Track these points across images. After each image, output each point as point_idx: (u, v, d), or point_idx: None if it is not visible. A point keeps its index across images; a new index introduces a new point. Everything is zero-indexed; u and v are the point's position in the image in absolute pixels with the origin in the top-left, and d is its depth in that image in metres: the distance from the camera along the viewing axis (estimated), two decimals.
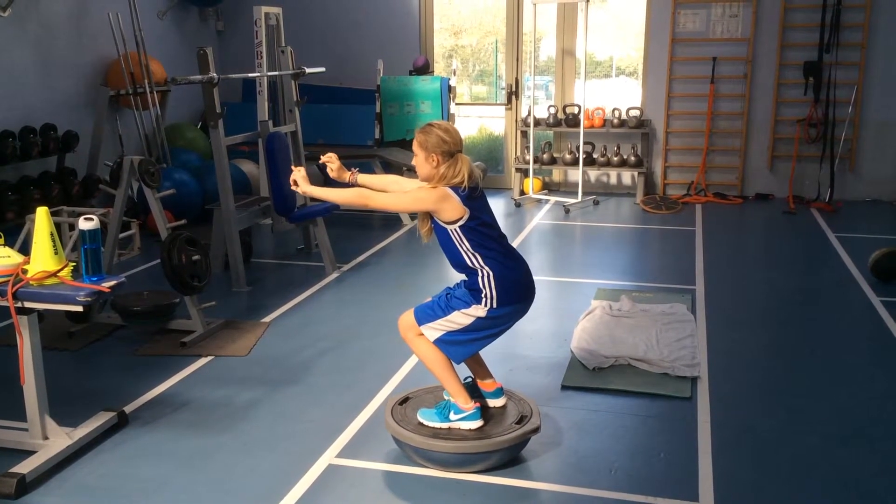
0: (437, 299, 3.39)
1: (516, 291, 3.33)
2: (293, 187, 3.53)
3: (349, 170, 3.62)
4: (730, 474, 3.30)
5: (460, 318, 3.30)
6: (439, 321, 3.32)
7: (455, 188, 3.23)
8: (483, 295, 3.27)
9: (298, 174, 3.52)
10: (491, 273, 3.26)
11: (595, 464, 3.40)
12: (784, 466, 3.38)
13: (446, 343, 3.33)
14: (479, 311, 3.28)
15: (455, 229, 3.25)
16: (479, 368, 3.57)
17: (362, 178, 3.61)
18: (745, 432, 3.67)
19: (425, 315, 3.36)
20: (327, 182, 3.59)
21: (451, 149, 3.25)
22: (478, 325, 3.31)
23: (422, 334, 3.37)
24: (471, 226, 3.24)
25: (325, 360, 4.52)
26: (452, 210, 3.22)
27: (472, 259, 3.27)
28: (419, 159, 3.30)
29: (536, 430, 3.38)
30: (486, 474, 3.29)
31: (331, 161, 3.61)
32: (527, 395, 3.67)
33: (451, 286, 3.43)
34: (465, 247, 3.27)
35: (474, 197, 3.27)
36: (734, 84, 8.80)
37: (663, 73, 8.92)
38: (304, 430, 3.68)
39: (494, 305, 3.28)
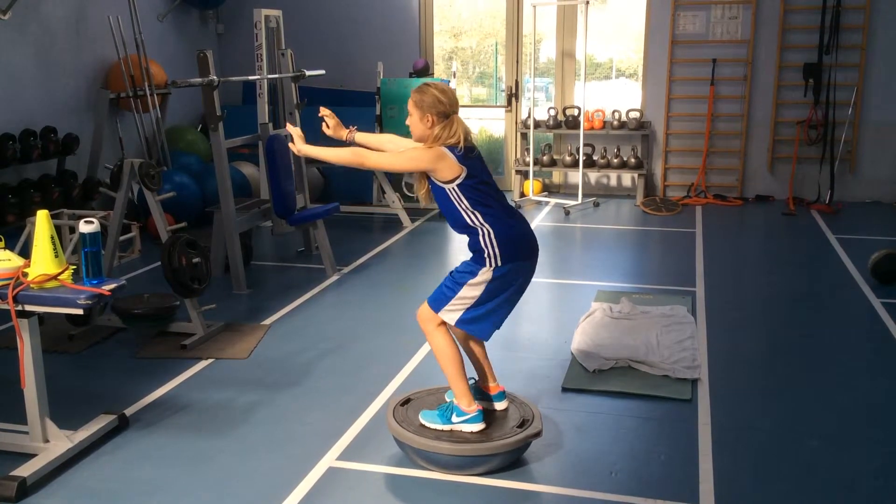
0: (444, 282, 3.37)
1: (518, 247, 3.30)
2: (289, 144, 3.51)
3: (347, 127, 3.61)
4: (730, 476, 3.30)
5: (471, 292, 3.27)
6: (452, 301, 3.29)
7: (451, 148, 3.21)
8: (486, 255, 3.24)
9: (294, 132, 3.50)
10: (491, 231, 3.23)
11: (596, 466, 3.40)
12: (784, 469, 3.38)
13: (468, 322, 3.31)
14: (486, 273, 3.25)
15: (453, 188, 3.22)
16: (485, 370, 3.57)
17: (360, 136, 3.59)
18: (746, 434, 3.67)
19: (438, 301, 3.34)
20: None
21: (447, 109, 3.24)
22: (489, 291, 3.27)
23: (441, 324, 3.34)
24: (469, 184, 3.21)
25: (325, 363, 4.52)
26: (449, 169, 3.19)
27: (472, 217, 3.25)
28: (414, 119, 3.28)
29: (538, 433, 3.38)
30: (486, 476, 3.29)
31: (329, 117, 3.60)
32: (528, 398, 3.67)
33: (453, 269, 3.42)
34: (464, 205, 3.24)
35: (470, 157, 3.25)
36: (734, 86, 8.81)
37: (663, 75, 8.93)
38: (304, 433, 3.68)
39: (499, 263, 3.24)
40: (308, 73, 6.66)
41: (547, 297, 5.72)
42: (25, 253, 4.38)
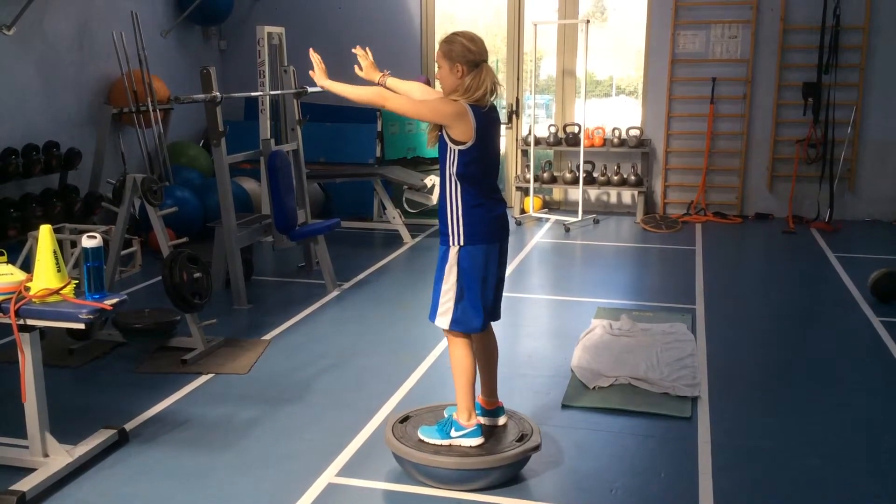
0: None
1: (485, 230, 3.30)
2: (311, 75, 3.53)
3: (381, 71, 3.61)
4: (730, 495, 3.30)
5: (448, 288, 3.31)
6: (439, 304, 3.34)
7: (476, 107, 3.22)
8: (449, 232, 3.28)
9: (316, 60, 3.52)
10: (460, 207, 3.26)
11: (595, 483, 3.39)
12: (784, 487, 3.37)
13: (458, 322, 3.33)
14: (452, 254, 3.28)
15: (454, 150, 3.24)
16: (485, 386, 3.57)
17: (392, 81, 3.58)
18: (746, 452, 3.66)
19: (431, 311, 3.40)
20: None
21: (477, 58, 3.23)
22: (463, 277, 3.29)
23: (457, 337, 3.37)
24: (469, 152, 3.22)
25: (325, 379, 4.52)
26: (463, 131, 3.20)
27: (451, 185, 3.27)
28: (443, 71, 3.26)
29: (537, 447, 3.39)
30: (486, 493, 3.28)
31: (363, 58, 3.60)
32: (527, 414, 3.67)
33: None
34: (452, 169, 3.26)
35: (490, 119, 3.27)
36: (734, 104, 8.85)
37: (663, 93, 8.97)
38: (304, 449, 3.68)
39: (462, 243, 3.27)
40: (310, 89, 6.69)
41: (547, 314, 5.72)
42: (27, 267, 4.39)
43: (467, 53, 3.21)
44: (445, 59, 3.24)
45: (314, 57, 3.61)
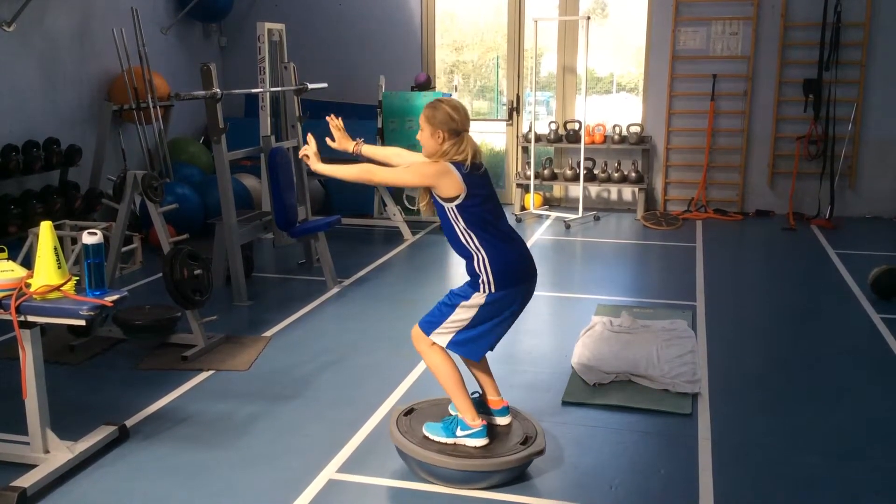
0: (439, 303, 3.39)
1: (513, 274, 3.30)
2: (302, 158, 3.55)
3: (354, 139, 3.62)
4: (730, 492, 3.30)
5: (464, 314, 3.28)
6: (445, 323, 3.31)
7: (457, 165, 3.23)
8: (480, 281, 3.26)
9: (310, 150, 3.53)
10: (486, 256, 3.25)
11: (595, 480, 3.40)
12: (784, 484, 3.38)
13: (459, 344, 3.32)
14: (479, 298, 3.27)
15: (451, 207, 3.24)
16: (488, 384, 3.57)
17: (367, 149, 3.60)
18: (746, 449, 3.67)
19: (430, 324, 3.36)
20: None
21: (459, 127, 3.26)
22: (482, 315, 3.29)
23: (433, 345, 3.36)
24: (468, 205, 3.23)
25: (325, 375, 4.52)
26: (451, 186, 3.21)
27: (467, 239, 3.26)
28: (425, 134, 3.29)
29: (541, 452, 3.38)
30: (487, 490, 3.29)
31: (336, 129, 3.61)
32: (528, 412, 3.67)
33: (454, 288, 3.43)
34: (461, 226, 3.26)
35: (475, 174, 3.27)
36: (734, 101, 8.85)
37: (664, 90, 8.96)
38: (304, 445, 3.69)
39: (493, 290, 3.26)
40: (310, 86, 6.69)
41: (547, 311, 5.73)
42: (28, 263, 4.40)
43: (449, 121, 3.25)
44: (428, 124, 3.28)
45: (310, 141, 3.61)
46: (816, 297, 6.09)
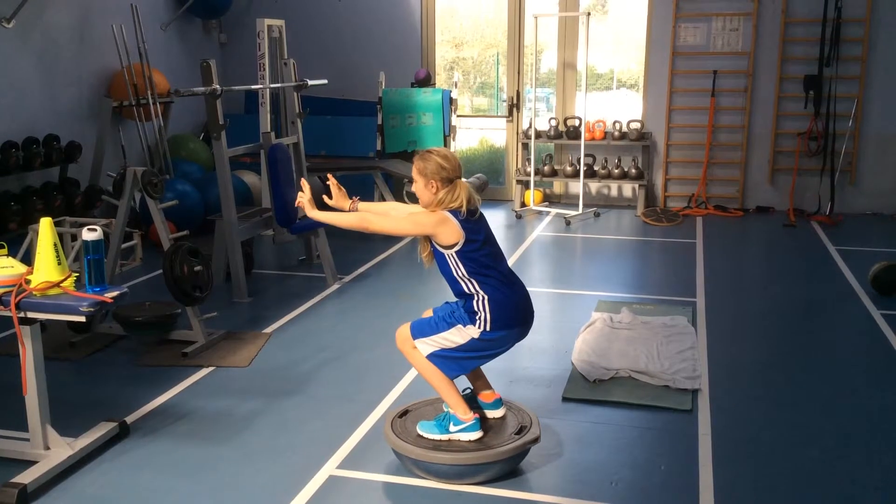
0: (440, 314, 3.40)
1: (511, 316, 3.34)
2: (298, 206, 3.57)
3: (350, 198, 3.65)
4: (730, 487, 3.31)
5: (456, 336, 3.32)
6: (434, 337, 3.34)
7: (454, 212, 3.26)
8: (478, 317, 3.29)
9: (305, 198, 3.55)
10: (486, 297, 3.28)
11: (596, 476, 3.40)
12: (784, 479, 3.38)
13: (440, 358, 3.35)
14: (473, 331, 3.30)
15: (451, 254, 3.27)
16: (478, 380, 3.58)
17: (363, 205, 3.64)
18: (746, 445, 3.67)
19: (421, 330, 3.38)
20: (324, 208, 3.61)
21: (450, 175, 3.28)
22: (472, 345, 3.32)
23: (416, 348, 3.38)
24: (467, 251, 3.26)
25: (326, 372, 4.52)
26: (450, 234, 3.24)
27: (468, 285, 3.30)
28: (419, 186, 3.33)
29: (536, 440, 3.38)
30: (486, 486, 3.29)
31: (334, 186, 3.65)
32: (524, 404, 3.67)
33: (454, 302, 3.43)
34: (461, 272, 3.29)
35: (472, 220, 3.30)
36: (735, 97, 8.84)
37: (664, 86, 8.95)
38: (304, 441, 3.69)
39: (488, 329, 3.29)
40: (310, 82, 6.69)
41: (548, 307, 5.72)
42: (28, 260, 4.40)
43: (440, 171, 3.26)
44: (420, 175, 3.30)
45: (305, 188, 3.63)
46: (816, 293, 6.09)
